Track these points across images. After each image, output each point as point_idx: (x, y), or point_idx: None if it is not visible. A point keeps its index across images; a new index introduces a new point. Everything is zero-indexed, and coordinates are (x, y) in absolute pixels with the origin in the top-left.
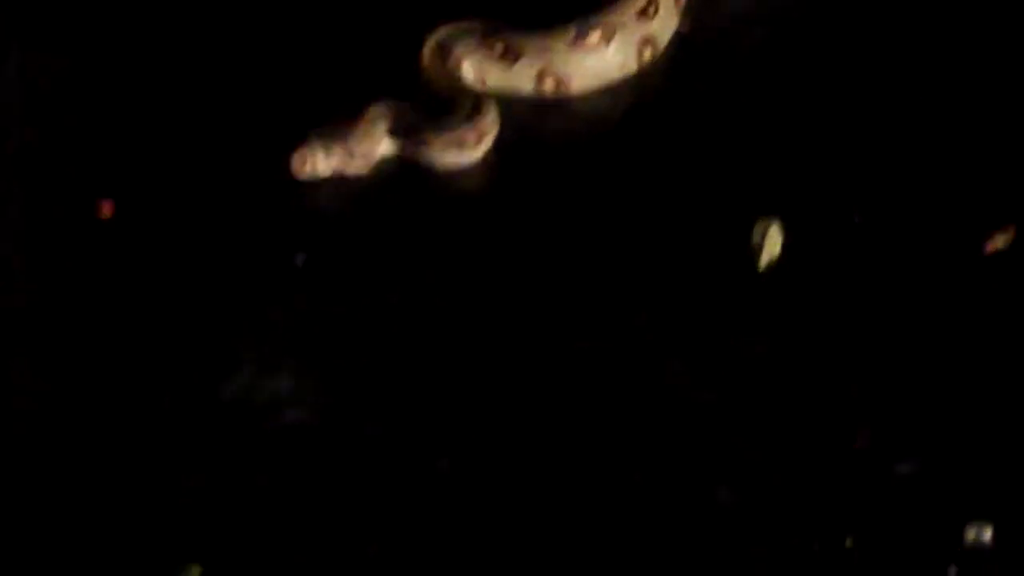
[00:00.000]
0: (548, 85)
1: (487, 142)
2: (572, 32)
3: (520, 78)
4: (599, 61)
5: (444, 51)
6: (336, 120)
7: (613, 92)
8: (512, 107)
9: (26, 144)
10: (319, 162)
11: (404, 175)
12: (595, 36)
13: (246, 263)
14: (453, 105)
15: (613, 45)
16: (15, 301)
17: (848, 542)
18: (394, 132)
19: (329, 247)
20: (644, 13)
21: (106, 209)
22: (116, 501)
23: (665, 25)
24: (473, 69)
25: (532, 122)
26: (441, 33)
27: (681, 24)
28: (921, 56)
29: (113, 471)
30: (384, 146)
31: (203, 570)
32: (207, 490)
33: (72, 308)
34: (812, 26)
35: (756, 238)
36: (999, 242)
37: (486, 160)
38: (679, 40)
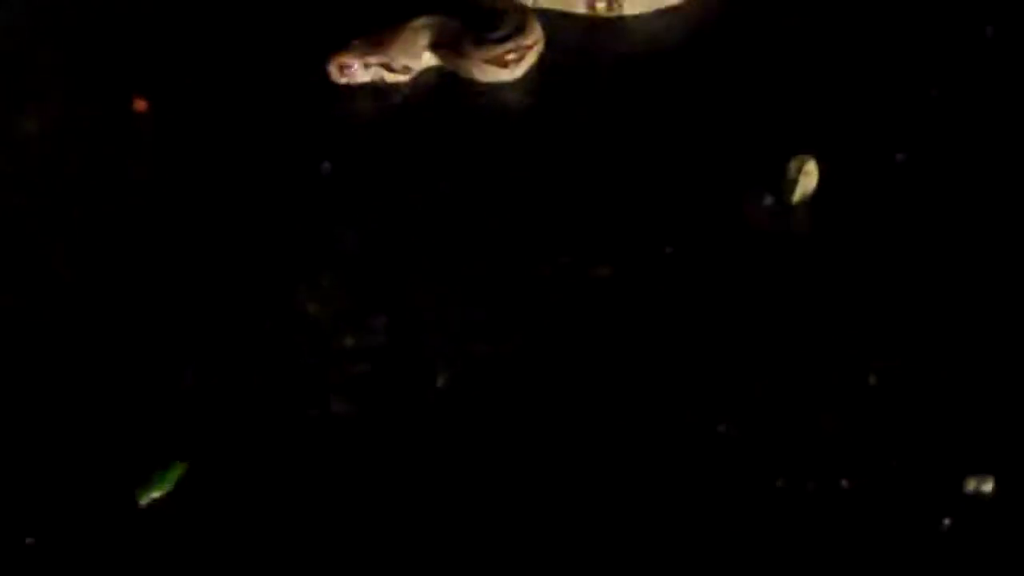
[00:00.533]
0: (601, 5)
1: (529, 60)
2: None
3: None
4: None
5: None
6: (379, 28)
7: (667, 16)
8: (563, 26)
9: (66, 37)
10: (357, 70)
11: (445, 88)
12: None
13: (274, 168)
14: (499, 21)
15: None
16: (51, 194)
17: (844, 482)
18: (436, 45)
19: (361, 156)
20: None
21: (140, 106)
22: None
23: None
24: None
25: (582, 42)
26: None
27: None
28: None
29: (133, 374)
30: (425, 59)
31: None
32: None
33: (104, 199)
34: None
35: (792, 172)
36: None
37: (531, 78)
38: None
